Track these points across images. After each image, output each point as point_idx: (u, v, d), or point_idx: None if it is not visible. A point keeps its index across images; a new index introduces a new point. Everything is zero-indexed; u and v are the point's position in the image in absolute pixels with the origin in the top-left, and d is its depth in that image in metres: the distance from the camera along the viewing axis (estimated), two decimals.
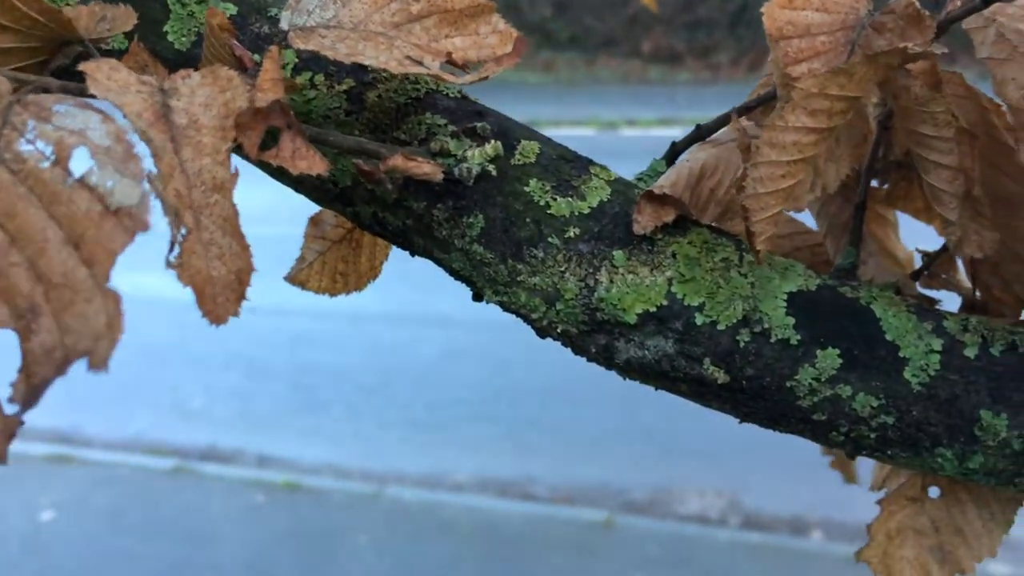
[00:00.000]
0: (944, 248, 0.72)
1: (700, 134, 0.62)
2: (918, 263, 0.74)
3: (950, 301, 0.72)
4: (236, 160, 0.50)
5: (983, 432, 0.59)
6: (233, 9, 0.65)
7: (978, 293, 0.69)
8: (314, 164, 0.51)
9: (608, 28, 9.87)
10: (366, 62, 0.52)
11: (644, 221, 0.57)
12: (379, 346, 5.40)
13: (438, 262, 0.64)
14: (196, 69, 0.50)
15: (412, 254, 0.65)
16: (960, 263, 0.73)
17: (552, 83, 10.59)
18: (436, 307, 5.49)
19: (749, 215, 0.52)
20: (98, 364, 0.43)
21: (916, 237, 0.80)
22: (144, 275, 6.07)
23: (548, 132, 0.64)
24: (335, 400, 4.97)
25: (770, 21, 0.51)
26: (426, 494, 4.26)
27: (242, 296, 0.46)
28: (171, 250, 0.44)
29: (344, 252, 0.73)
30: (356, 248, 0.73)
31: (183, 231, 0.45)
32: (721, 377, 0.59)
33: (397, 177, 0.60)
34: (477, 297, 0.64)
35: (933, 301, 0.69)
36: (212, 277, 0.45)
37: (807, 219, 0.77)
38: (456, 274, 0.63)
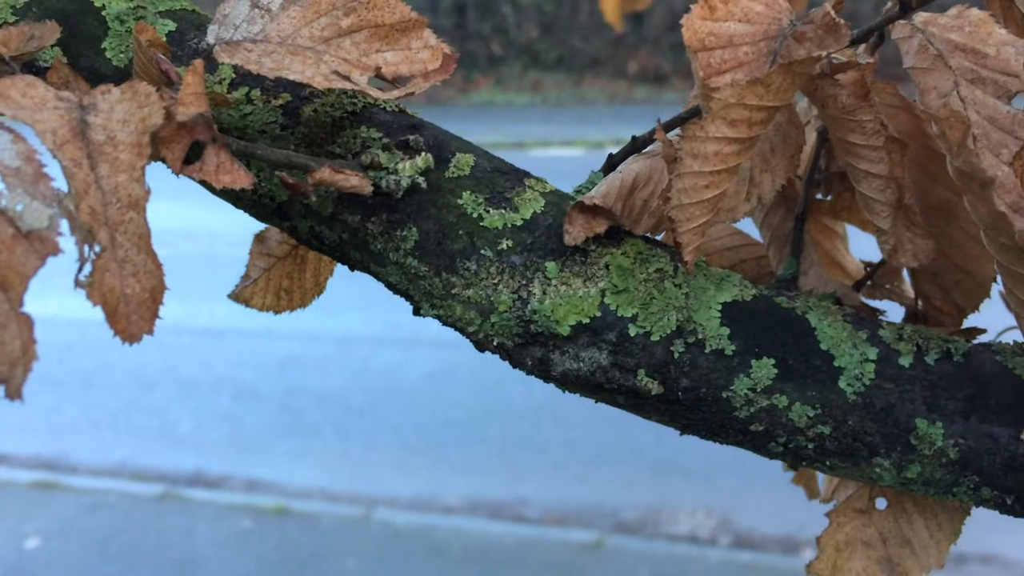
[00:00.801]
0: (884, 261, 0.72)
1: (636, 146, 0.62)
2: None
3: (897, 313, 0.73)
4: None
5: (919, 441, 0.59)
6: (172, 26, 0.66)
7: (920, 303, 0.69)
8: (238, 178, 0.51)
9: (594, 49, 9.94)
10: (292, 77, 0.52)
11: (575, 232, 0.57)
12: (368, 368, 5.39)
13: (376, 276, 0.64)
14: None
15: (351, 268, 0.65)
16: (905, 274, 0.73)
17: (540, 104, 10.64)
18: (425, 328, 5.46)
19: (675, 226, 0.52)
20: (13, 392, 0.43)
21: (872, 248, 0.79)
22: None
23: (536, 153, 0.65)
24: (324, 423, 4.95)
25: (690, 33, 0.51)
26: (416, 517, 4.24)
27: (155, 314, 0.46)
28: (81, 269, 0.44)
29: (289, 268, 0.73)
30: (301, 264, 0.73)
31: (96, 249, 0.45)
32: (655, 388, 0.59)
33: (331, 191, 0.61)
34: (416, 312, 0.64)
35: (876, 312, 0.69)
36: (126, 295, 0.44)
37: (754, 231, 0.78)
38: (394, 288, 0.63)
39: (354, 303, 5.65)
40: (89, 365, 5.36)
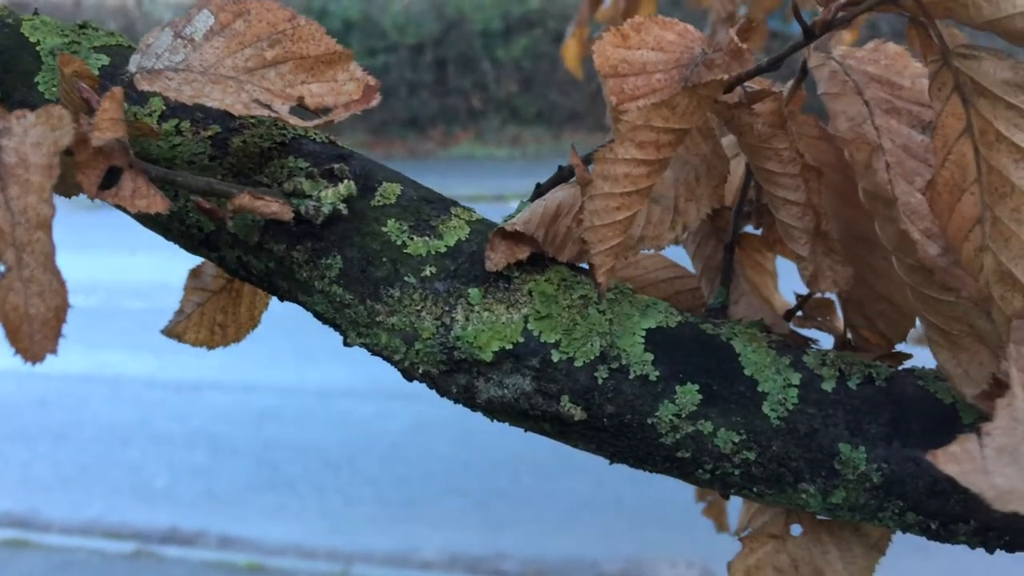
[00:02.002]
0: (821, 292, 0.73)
1: (563, 175, 0.63)
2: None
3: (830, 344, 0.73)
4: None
5: (843, 466, 0.59)
6: (105, 60, 0.67)
7: (848, 334, 0.70)
8: (154, 203, 0.51)
9: (572, 103, 10.10)
10: (210, 104, 0.53)
11: (496, 258, 0.58)
12: (347, 421, 5.34)
13: (304, 305, 0.64)
14: None
15: (280, 299, 0.65)
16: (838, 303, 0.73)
17: (520, 157, 10.76)
18: (405, 381, 5.45)
19: (588, 248, 0.53)
20: None
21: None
22: (106, 353, 5.99)
23: (516, 205, 0.64)
24: (301, 477, 4.89)
25: (602, 59, 0.52)
26: (394, 572, 4.17)
27: (59, 333, 0.45)
28: None
29: (224, 303, 0.73)
30: (236, 298, 0.73)
31: (0, 269, 0.45)
32: (578, 414, 0.59)
33: (258, 221, 0.61)
34: (345, 342, 0.64)
35: (808, 341, 0.69)
36: (30, 315, 0.44)
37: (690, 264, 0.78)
38: (322, 318, 0.63)
39: (333, 355, 5.62)
40: (63, 420, 5.30)
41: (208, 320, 0.72)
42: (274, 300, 0.69)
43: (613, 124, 0.51)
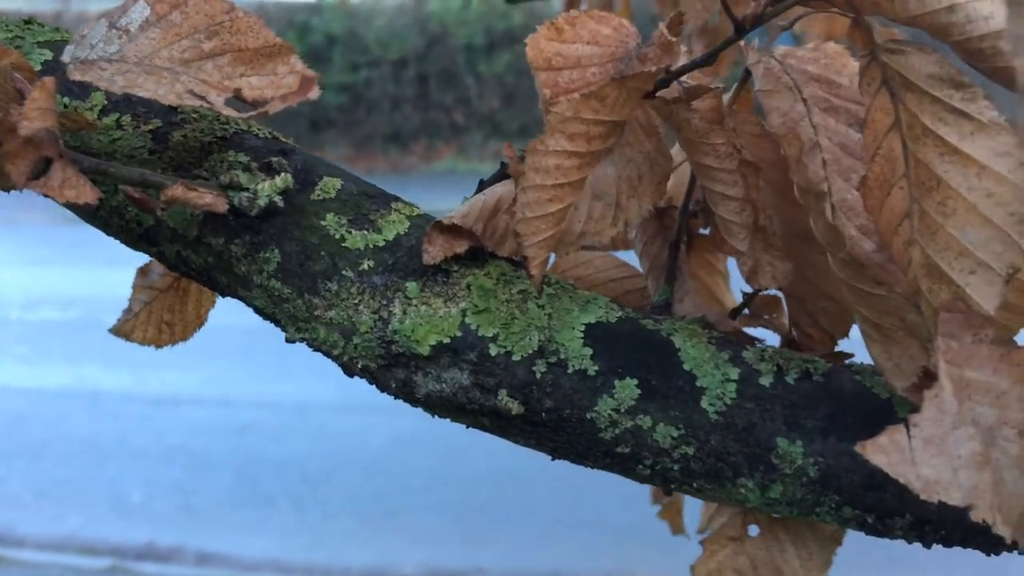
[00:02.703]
0: (760, 288, 0.73)
1: (506, 171, 0.63)
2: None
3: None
4: None
5: (780, 460, 0.59)
6: (49, 55, 0.66)
7: (793, 331, 0.70)
8: (83, 193, 0.51)
9: None
10: (142, 93, 0.53)
11: (434, 251, 0.58)
12: (326, 435, 5.31)
13: (244, 301, 0.63)
14: None
15: (221, 294, 0.65)
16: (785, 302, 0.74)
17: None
18: (385, 395, 5.43)
19: (521, 240, 0.53)
20: None
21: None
22: (84, 367, 5.93)
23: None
24: (280, 492, 4.85)
25: (535, 52, 0.53)
26: None
27: None
28: None
29: (171, 301, 0.72)
30: (183, 296, 0.73)
31: None
32: (515, 408, 0.59)
33: (196, 215, 0.61)
34: (287, 338, 0.64)
35: (752, 339, 0.70)
36: None
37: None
38: (262, 313, 0.63)
39: (312, 369, 5.60)
40: (40, 435, 5.24)
41: (156, 319, 0.72)
42: (254, 316, 0.68)
43: (545, 116, 0.51)
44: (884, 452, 0.48)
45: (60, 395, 5.50)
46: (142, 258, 0.69)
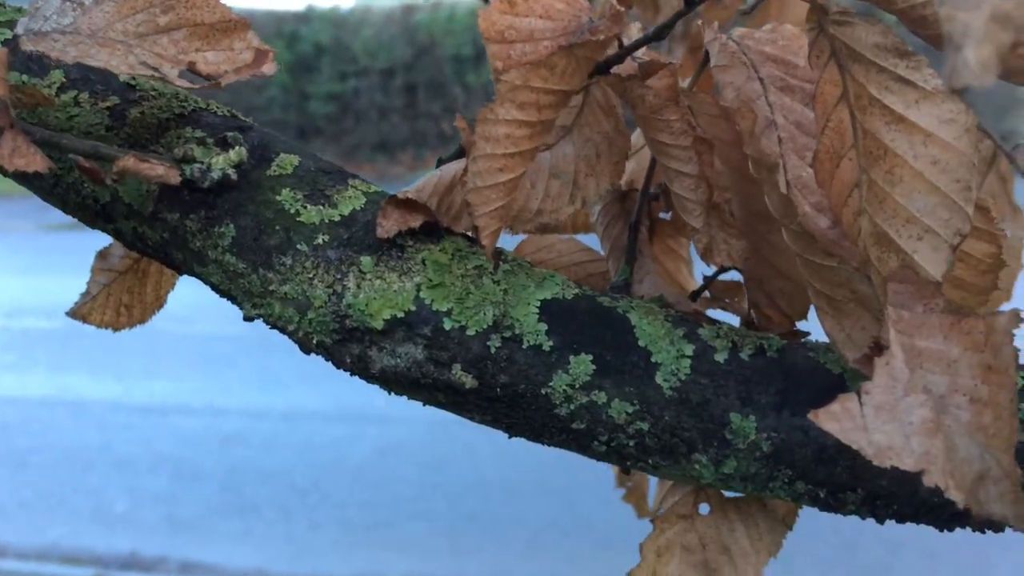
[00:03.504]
0: (721, 270, 0.73)
1: (463, 150, 0.63)
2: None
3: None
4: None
5: (734, 435, 0.59)
6: (8, 34, 0.66)
7: (752, 313, 0.70)
8: (32, 162, 0.51)
9: None
10: (93, 63, 0.53)
11: (388, 225, 0.58)
12: (313, 444, 5.29)
13: (200, 277, 0.63)
14: None
15: (178, 272, 0.65)
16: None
17: None
18: (372, 404, 5.44)
19: (472, 210, 0.53)
20: None
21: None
22: (68, 375, 5.89)
23: None
24: (266, 502, 4.83)
25: (487, 24, 0.53)
26: None
27: None
28: None
29: (130, 283, 0.72)
30: (143, 278, 0.72)
31: None
32: (469, 382, 0.59)
33: (152, 190, 0.61)
34: (245, 316, 0.64)
35: (714, 322, 0.70)
36: None
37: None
38: (218, 289, 0.63)
39: (300, 378, 5.58)
40: (24, 444, 5.20)
41: (114, 301, 0.72)
42: (242, 326, 0.68)
43: (495, 87, 0.51)
44: (836, 419, 0.48)
45: (44, 404, 5.47)
46: None
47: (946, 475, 0.46)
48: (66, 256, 5.60)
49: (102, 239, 0.79)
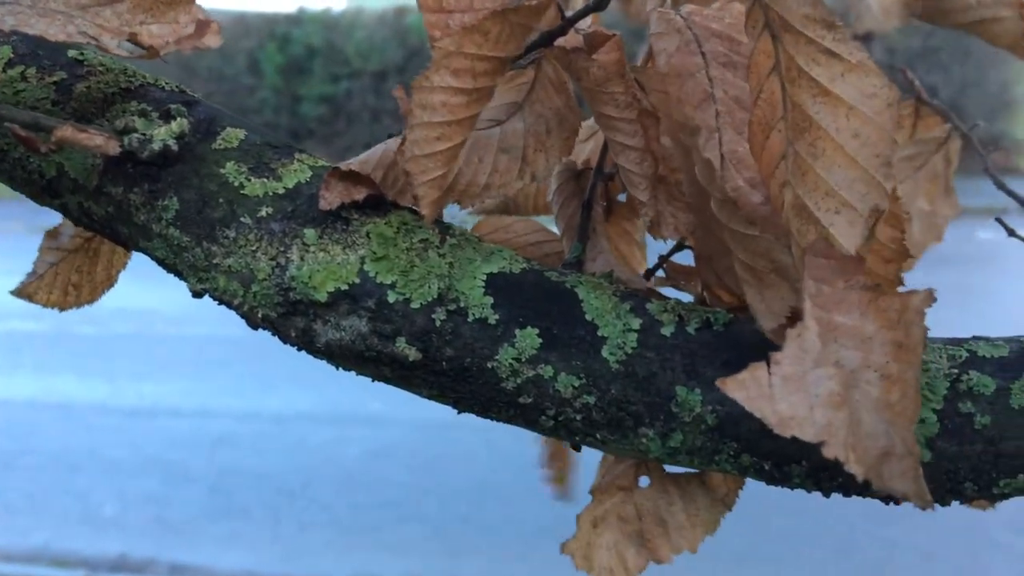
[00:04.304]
0: (676, 248, 0.73)
1: None
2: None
3: None
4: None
5: (680, 408, 0.59)
6: None
7: (705, 294, 0.70)
8: None
9: None
10: (30, 31, 0.53)
11: (331, 197, 0.57)
12: (304, 446, 5.28)
13: (146, 252, 0.63)
14: None
15: (126, 248, 0.64)
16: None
17: None
18: (364, 406, 5.43)
19: (411, 179, 0.53)
20: None
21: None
22: (55, 378, 5.88)
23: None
24: (256, 504, 4.81)
25: None
26: None
27: None
28: None
29: (80, 262, 0.72)
30: (93, 257, 0.72)
31: None
32: (413, 355, 0.58)
33: (96, 163, 0.60)
34: (193, 293, 0.63)
35: (662, 297, 0.70)
36: None
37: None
38: (163, 264, 0.63)
39: (290, 380, 5.57)
40: (11, 447, 5.19)
41: (62, 280, 0.71)
42: (232, 328, 0.67)
43: (432, 53, 0.51)
44: (744, 387, 0.47)
45: (31, 406, 5.45)
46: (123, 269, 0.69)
47: (847, 448, 0.45)
48: None
49: None
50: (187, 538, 4.55)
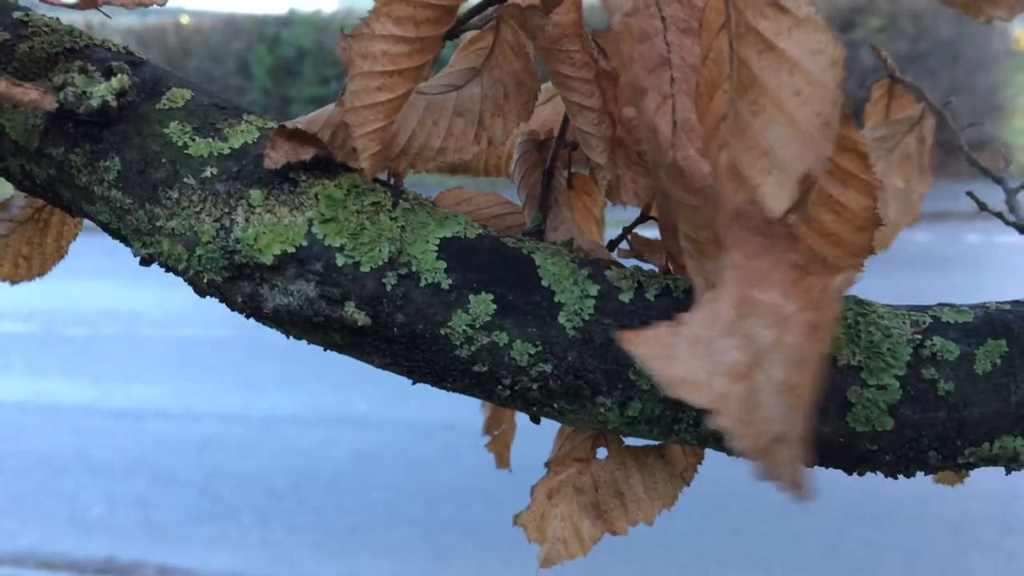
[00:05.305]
0: (641, 219, 0.72)
1: None
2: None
3: None
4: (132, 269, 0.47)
5: (638, 376, 0.57)
6: None
7: (669, 264, 0.69)
8: None
9: None
10: None
11: (276, 156, 0.56)
12: (291, 449, 5.25)
13: (89, 217, 0.61)
14: None
15: (70, 212, 0.63)
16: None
17: (470, 182, 10.75)
18: (351, 408, 5.41)
19: (351, 131, 0.51)
20: None
21: None
22: (43, 380, 5.85)
23: None
24: (243, 506, 4.78)
25: None
26: None
27: None
28: None
29: (30, 234, 0.70)
30: (43, 228, 0.70)
31: None
32: (362, 320, 0.57)
33: (37, 124, 0.59)
34: (141, 260, 0.61)
35: (622, 266, 0.68)
36: None
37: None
38: (107, 228, 0.61)
39: (278, 382, 5.54)
40: None
41: (12, 253, 0.69)
42: (221, 329, 0.65)
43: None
44: (647, 344, 0.45)
45: (18, 408, 5.41)
46: (108, 272, 0.66)
47: (738, 422, 0.43)
48: None
49: (82, 244, 0.76)
50: (175, 540, 4.52)
